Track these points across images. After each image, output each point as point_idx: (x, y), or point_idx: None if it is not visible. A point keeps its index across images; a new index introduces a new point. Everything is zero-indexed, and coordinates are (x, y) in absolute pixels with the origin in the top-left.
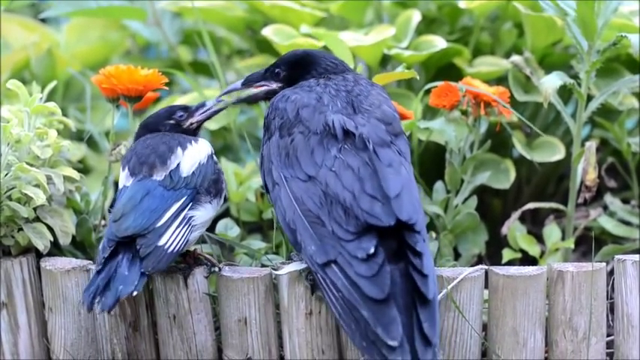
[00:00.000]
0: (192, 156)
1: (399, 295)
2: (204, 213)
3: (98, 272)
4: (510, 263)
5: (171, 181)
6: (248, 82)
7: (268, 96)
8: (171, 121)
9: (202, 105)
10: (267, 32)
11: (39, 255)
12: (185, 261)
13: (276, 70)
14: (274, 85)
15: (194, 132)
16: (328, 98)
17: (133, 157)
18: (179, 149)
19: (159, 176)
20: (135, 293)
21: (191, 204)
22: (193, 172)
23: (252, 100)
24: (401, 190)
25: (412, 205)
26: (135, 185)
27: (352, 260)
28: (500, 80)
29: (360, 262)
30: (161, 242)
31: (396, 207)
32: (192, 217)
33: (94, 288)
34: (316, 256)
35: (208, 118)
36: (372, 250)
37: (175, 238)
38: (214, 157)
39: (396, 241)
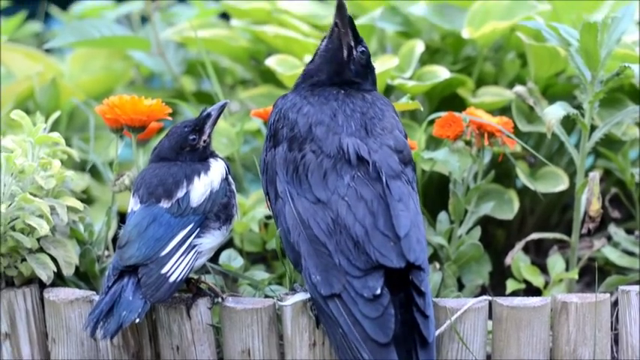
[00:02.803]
0: (204, 185)
1: (397, 327)
2: (211, 240)
3: (103, 296)
4: (514, 294)
5: (179, 208)
6: (352, 22)
7: (340, 43)
8: (187, 149)
9: (208, 116)
10: (271, 62)
11: (42, 285)
12: (188, 288)
13: (363, 50)
14: (354, 50)
15: (207, 147)
16: (343, 118)
17: (142, 186)
18: (185, 183)
19: (166, 203)
20: (138, 321)
21: (198, 230)
22: (204, 200)
23: (338, 27)
24: (409, 228)
25: (419, 243)
26: (142, 211)
27: (357, 298)
28: (504, 110)
29: (366, 302)
30: (164, 270)
31: (405, 247)
32: (199, 244)
33: (98, 312)
34: (320, 287)
35: (215, 124)
36: (378, 291)
37: (179, 267)
38: (229, 178)
39: (398, 273)
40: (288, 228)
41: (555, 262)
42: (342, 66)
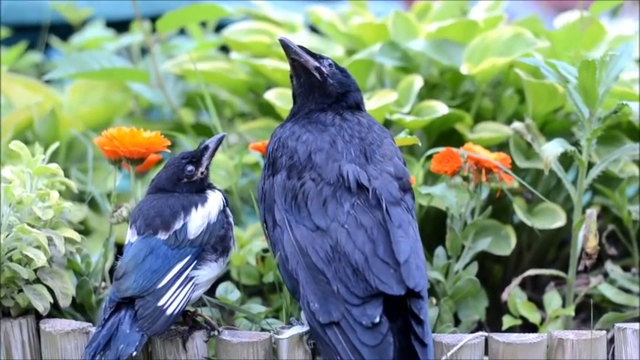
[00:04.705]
0: (202, 217)
1: (395, 355)
2: (208, 272)
3: (100, 329)
4: (510, 330)
5: (176, 240)
6: (303, 48)
7: (308, 71)
8: (184, 180)
9: (206, 148)
10: (270, 96)
11: (38, 316)
12: (184, 321)
13: (330, 63)
14: (323, 67)
15: (205, 179)
16: (342, 144)
17: (139, 217)
18: (183, 214)
19: (163, 235)
20: (135, 354)
21: (195, 262)
22: (201, 232)
23: (296, 60)
24: (409, 254)
25: (419, 269)
26: (139, 243)
27: (356, 326)
28: (502, 146)
29: (365, 330)
30: (160, 303)
31: (405, 273)
32: (196, 276)
33: (95, 345)
34: (318, 315)
35: (212, 156)
36: (377, 319)
37: (175, 299)
38: (226, 210)
39: (397, 299)
40: (286, 256)
41: (552, 298)
42: (323, 87)
